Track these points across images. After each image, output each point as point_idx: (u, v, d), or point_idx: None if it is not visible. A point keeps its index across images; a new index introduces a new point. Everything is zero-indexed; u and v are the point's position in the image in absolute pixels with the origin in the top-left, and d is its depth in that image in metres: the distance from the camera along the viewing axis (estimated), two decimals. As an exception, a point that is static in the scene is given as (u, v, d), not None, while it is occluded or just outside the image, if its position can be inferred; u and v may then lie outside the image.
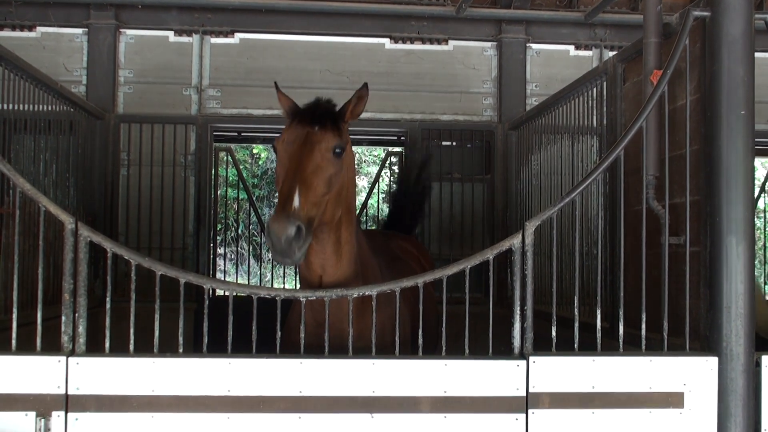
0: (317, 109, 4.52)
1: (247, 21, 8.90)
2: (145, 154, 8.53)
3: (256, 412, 4.18)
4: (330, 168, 4.32)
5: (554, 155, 7.18)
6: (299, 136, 4.37)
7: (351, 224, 4.68)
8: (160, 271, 4.34)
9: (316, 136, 4.36)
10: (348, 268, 4.67)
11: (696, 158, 4.63)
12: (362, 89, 4.64)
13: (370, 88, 4.78)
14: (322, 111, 4.50)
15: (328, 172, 4.31)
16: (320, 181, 4.25)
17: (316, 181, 4.23)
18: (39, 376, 4.13)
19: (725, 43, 4.47)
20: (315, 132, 4.37)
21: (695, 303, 4.57)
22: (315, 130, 4.38)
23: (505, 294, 8.19)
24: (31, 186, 4.34)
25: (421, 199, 7.95)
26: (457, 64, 9.18)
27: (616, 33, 9.27)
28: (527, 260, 4.39)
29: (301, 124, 4.44)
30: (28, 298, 5.49)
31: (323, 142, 4.33)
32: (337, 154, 4.36)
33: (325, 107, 4.55)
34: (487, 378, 4.28)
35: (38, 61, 7.00)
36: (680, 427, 4.33)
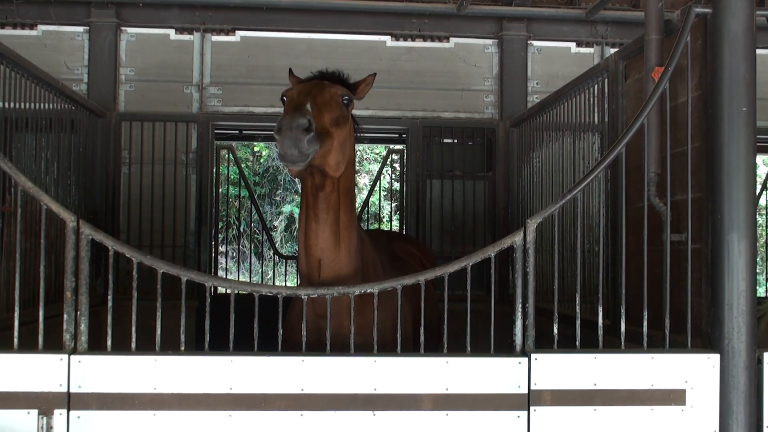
0: (326, 73, 4.75)
1: (248, 19, 8.90)
2: (147, 152, 8.53)
3: (257, 410, 4.19)
4: (337, 109, 4.50)
5: (555, 152, 7.17)
6: (308, 84, 4.60)
7: (350, 210, 4.72)
8: (161, 269, 4.35)
9: (325, 84, 4.58)
10: (347, 259, 4.69)
11: (698, 155, 4.62)
12: (370, 76, 4.91)
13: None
14: (331, 75, 4.74)
15: (335, 110, 4.47)
16: (329, 113, 4.39)
17: (326, 110, 4.38)
18: (41, 374, 4.13)
19: (727, 40, 4.47)
20: (324, 82, 4.61)
21: (697, 300, 4.57)
22: (324, 82, 4.62)
23: (506, 291, 8.19)
24: (33, 184, 4.34)
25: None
26: (458, 62, 9.17)
27: (618, 30, 9.25)
28: (529, 258, 4.39)
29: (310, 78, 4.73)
30: (30, 297, 5.49)
31: (332, 87, 4.56)
32: (344, 101, 4.58)
33: (333, 73, 4.78)
34: (489, 375, 4.28)
35: (39, 60, 7.00)
36: (682, 424, 4.33)
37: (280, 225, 21.71)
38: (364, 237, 5.05)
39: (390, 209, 13.49)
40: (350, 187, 4.77)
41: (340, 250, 4.67)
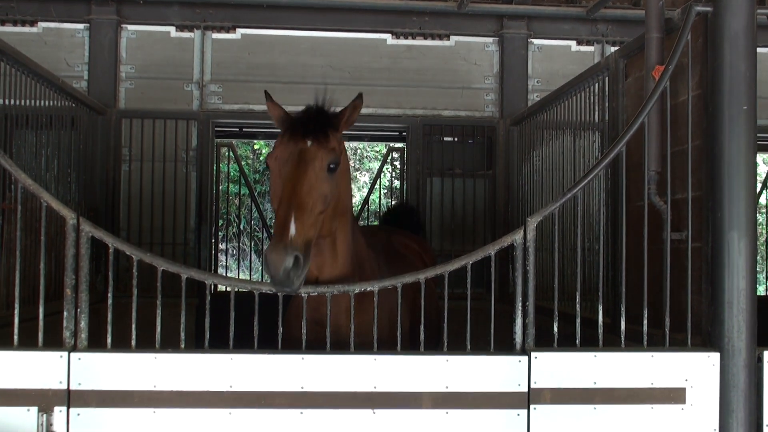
0: (309, 121, 4.38)
1: (249, 16, 8.89)
2: (147, 149, 8.53)
3: (257, 408, 4.19)
4: (325, 185, 4.22)
5: (556, 151, 7.17)
6: (293, 154, 4.24)
7: (347, 225, 4.64)
8: (161, 267, 4.34)
9: (309, 154, 4.23)
10: (344, 265, 4.67)
11: (698, 154, 4.62)
12: (357, 99, 4.57)
13: (371, 84, 4.79)
14: (315, 123, 4.37)
15: (323, 190, 4.21)
16: (316, 201, 4.16)
17: (312, 201, 4.13)
18: (41, 372, 4.13)
19: (727, 39, 4.47)
20: (308, 149, 4.24)
21: (697, 299, 4.57)
22: (308, 146, 4.25)
23: (506, 290, 8.18)
24: (33, 181, 4.34)
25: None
26: (458, 60, 9.17)
27: (618, 28, 9.26)
28: (529, 256, 4.39)
29: (294, 139, 4.30)
30: (30, 294, 5.49)
31: (317, 160, 4.22)
32: (331, 170, 4.26)
33: (318, 118, 4.41)
34: (489, 374, 4.28)
35: (40, 57, 6.99)
36: (682, 422, 4.33)
37: (280, 223, 21.66)
38: (360, 237, 5.04)
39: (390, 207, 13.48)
40: (346, 211, 4.65)
41: (337, 261, 4.63)
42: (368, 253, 5.10)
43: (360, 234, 5.07)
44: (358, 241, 4.93)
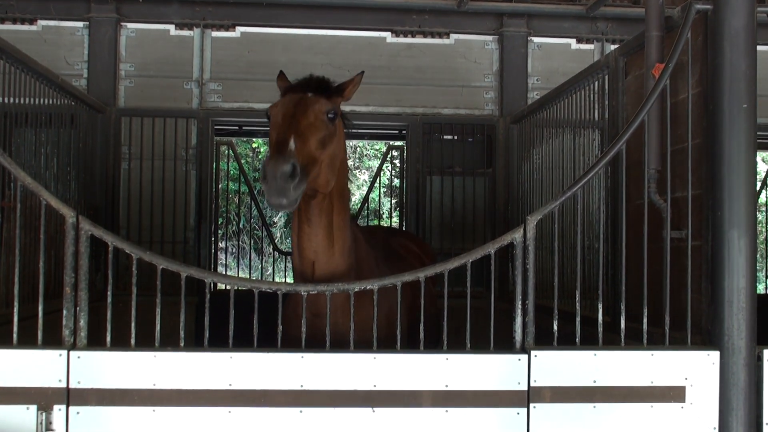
0: (311, 80, 4.66)
1: (248, 14, 8.89)
2: (146, 147, 8.52)
3: (257, 406, 4.19)
4: (323, 129, 4.41)
5: (556, 149, 7.16)
6: (293, 100, 4.48)
7: (343, 211, 4.72)
8: (161, 265, 4.34)
9: (309, 100, 4.48)
10: (341, 259, 4.70)
11: (698, 152, 4.62)
12: (358, 75, 4.84)
13: (371, 82, 4.84)
14: (316, 82, 4.63)
15: (321, 131, 4.39)
16: (314, 137, 4.32)
17: (310, 136, 4.31)
18: (40, 370, 4.13)
19: (727, 37, 4.46)
20: (308, 97, 4.50)
21: (697, 297, 4.57)
22: (308, 96, 4.51)
23: (506, 288, 8.19)
24: (33, 180, 4.34)
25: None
26: (458, 58, 9.17)
27: (618, 26, 9.25)
28: (529, 254, 4.39)
29: (295, 92, 4.57)
30: (29, 292, 5.49)
31: (317, 104, 4.45)
32: (330, 119, 4.47)
33: (319, 80, 4.68)
34: (489, 372, 4.28)
35: (39, 55, 6.98)
36: (682, 421, 4.33)
37: (279, 221, 21.72)
38: (359, 234, 5.06)
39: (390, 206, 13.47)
40: (343, 190, 4.77)
41: (333, 250, 4.68)
42: (367, 253, 5.10)
43: (359, 233, 5.08)
44: (357, 239, 4.95)
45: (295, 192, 4.05)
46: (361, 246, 5.04)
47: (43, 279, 4.36)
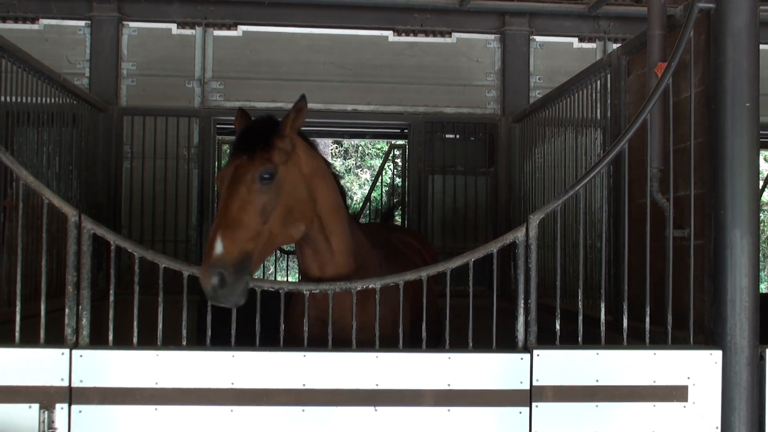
0: (249, 134, 4.37)
1: (250, 13, 8.88)
2: (149, 146, 8.51)
3: (259, 405, 4.19)
4: (261, 197, 4.16)
5: (558, 148, 7.16)
6: (230, 171, 4.23)
7: (337, 222, 4.65)
8: (163, 264, 4.34)
9: (242, 169, 4.19)
10: (344, 262, 4.69)
11: (700, 151, 4.61)
12: (300, 101, 4.47)
13: (373, 81, 4.79)
14: (254, 135, 4.34)
15: (258, 203, 4.14)
16: (251, 215, 4.10)
17: (246, 216, 4.09)
18: (42, 369, 4.13)
19: (730, 35, 4.46)
20: (243, 163, 4.21)
21: (699, 296, 4.56)
22: (243, 160, 4.22)
23: (508, 287, 8.19)
24: (35, 178, 4.34)
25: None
26: (460, 57, 9.16)
27: (620, 25, 9.24)
28: (531, 253, 4.39)
29: (234, 155, 4.31)
30: (31, 291, 5.49)
31: (248, 174, 4.16)
32: (266, 180, 4.18)
33: (258, 130, 4.38)
34: (491, 371, 4.28)
35: (41, 54, 6.98)
36: (684, 420, 4.33)
37: (281, 220, 21.67)
38: (362, 236, 5.05)
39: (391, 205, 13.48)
40: (332, 208, 4.64)
41: (334, 258, 4.66)
42: (372, 253, 5.10)
43: (362, 233, 5.07)
44: (360, 241, 4.94)
45: (232, 295, 3.97)
46: (366, 248, 5.05)
47: (45, 278, 4.36)
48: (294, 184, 4.35)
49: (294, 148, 4.42)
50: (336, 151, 24.54)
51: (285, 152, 4.32)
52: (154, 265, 4.36)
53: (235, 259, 3.95)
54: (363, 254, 4.94)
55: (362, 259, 4.90)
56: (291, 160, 4.34)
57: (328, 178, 4.70)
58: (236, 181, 4.16)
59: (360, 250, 4.90)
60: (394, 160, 11.59)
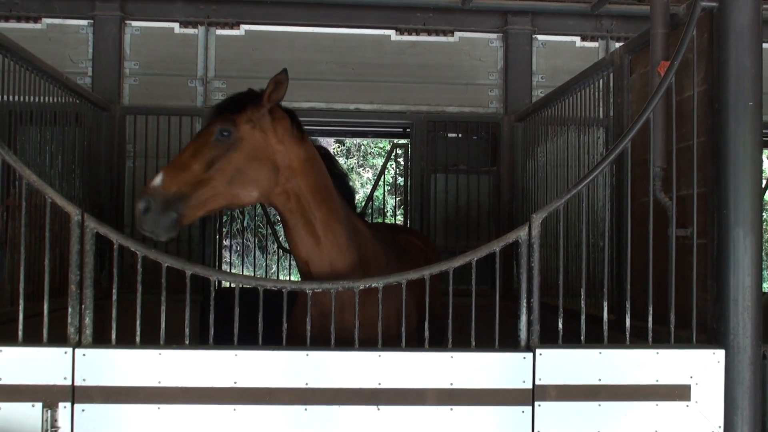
0: (229, 100, 4.75)
1: (253, 13, 8.89)
2: (151, 145, 8.51)
3: (262, 404, 4.19)
4: (212, 150, 4.47)
5: (560, 147, 7.16)
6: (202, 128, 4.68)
7: (323, 206, 4.76)
8: (166, 263, 4.34)
9: (209, 125, 4.60)
10: (337, 254, 4.78)
11: (703, 150, 4.61)
12: (280, 74, 4.66)
13: (375, 80, 4.83)
14: (232, 101, 4.71)
15: (208, 154, 4.46)
16: (197, 162, 4.42)
17: (192, 162, 4.41)
18: (46, 368, 4.14)
19: (733, 34, 4.45)
20: (211, 121, 4.62)
21: (702, 295, 4.56)
22: (214, 119, 4.63)
23: (510, 286, 8.19)
24: (38, 177, 4.34)
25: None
26: (462, 56, 9.16)
27: (623, 24, 9.23)
28: (534, 252, 4.39)
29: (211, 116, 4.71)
30: (34, 290, 5.49)
31: (210, 127, 4.56)
32: (223, 136, 4.50)
33: (237, 98, 4.73)
34: (494, 370, 4.28)
35: (44, 53, 6.98)
36: (687, 419, 4.32)
37: (283, 219, 21.68)
38: (364, 230, 5.08)
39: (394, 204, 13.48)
40: (315, 186, 4.75)
41: (322, 247, 4.76)
42: (376, 250, 5.12)
43: (366, 229, 5.09)
44: (362, 235, 4.97)
45: (159, 222, 4.26)
46: (368, 242, 5.06)
47: (48, 277, 4.36)
48: (255, 149, 4.58)
49: (272, 121, 4.66)
50: (338, 150, 24.57)
51: (255, 119, 4.60)
52: (157, 264, 4.36)
53: (168, 194, 4.29)
54: (367, 252, 4.96)
55: (365, 256, 4.92)
56: (260, 127, 4.59)
57: (316, 165, 4.84)
58: (199, 133, 4.61)
59: (363, 248, 4.92)
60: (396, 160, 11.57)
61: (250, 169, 4.55)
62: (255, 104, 4.64)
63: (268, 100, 4.65)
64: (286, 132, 4.71)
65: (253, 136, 4.57)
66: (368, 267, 4.93)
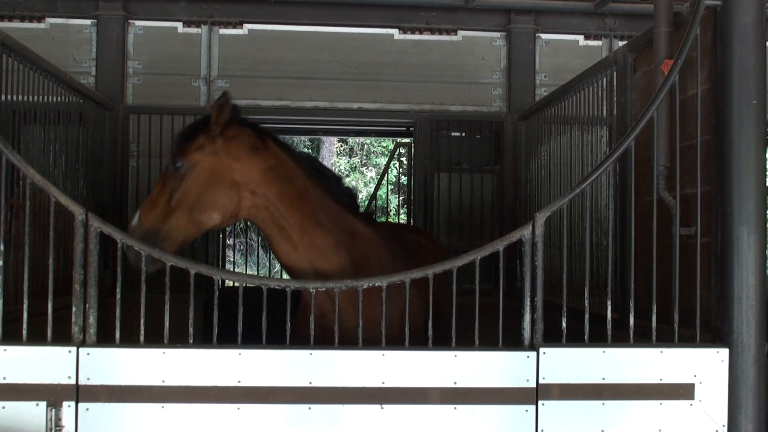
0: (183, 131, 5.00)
1: (256, 12, 8.89)
2: (155, 145, 8.51)
3: (266, 403, 4.19)
4: (170, 184, 4.71)
5: (564, 146, 7.15)
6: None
7: (297, 212, 4.83)
8: (170, 262, 4.35)
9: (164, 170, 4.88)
10: (316, 257, 4.85)
11: (707, 148, 4.60)
12: (221, 98, 4.84)
13: (379, 79, 4.86)
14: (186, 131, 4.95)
15: (168, 188, 4.70)
16: (162, 197, 4.70)
17: (159, 198, 4.71)
18: (50, 367, 4.15)
19: (736, 32, 4.45)
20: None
21: (706, 294, 4.56)
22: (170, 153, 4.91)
23: (513, 285, 8.19)
24: (42, 177, 4.35)
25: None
26: (466, 55, 9.15)
27: (626, 23, 9.22)
28: (537, 251, 4.39)
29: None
30: (38, 289, 5.50)
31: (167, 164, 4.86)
32: (178, 168, 4.72)
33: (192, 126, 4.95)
34: (497, 369, 4.28)
35: (47, 53, 6.99)
36: (691, 418, 4.32)
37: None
38: (363, 230, 5.11)
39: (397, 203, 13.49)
40: (282, 194, 4.82)
41: (300, 251, 4.85)
42: (378, 251, 5.12)
43: (369, 230, 5.10)
44: (359, 238, 5.01)
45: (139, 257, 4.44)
46: (368, 243, 5.07)
47: (52, 276, 4.37)
48: (208, 173, 4.72)
49: (224, 141, 4.78)
50: (341, 149, 24.56)
51: (205, 144, 4.75)
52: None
53: (144, 231, 4.61)
54: (366, 252, 4.98)
55: (364, 257, 4.95)
56: (211, 150, 4.74)
57: (281, 172, 4.89)
58: (165, 169, 4.85)
59: (360, 249, 4.95)
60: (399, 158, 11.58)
61: (209, 193, 4.69)
62: (204, 131, 4.80)
63: (216, 124, 4.80)
64: (242, 147, 4.82)
65: (203, 161, 4.70)
66: (367, 268, 4.94)
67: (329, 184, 5.16)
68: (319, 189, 5.02)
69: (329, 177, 5.25)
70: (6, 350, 4.16)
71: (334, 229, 4.94)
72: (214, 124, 4.80)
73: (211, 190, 4.69)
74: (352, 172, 23.92)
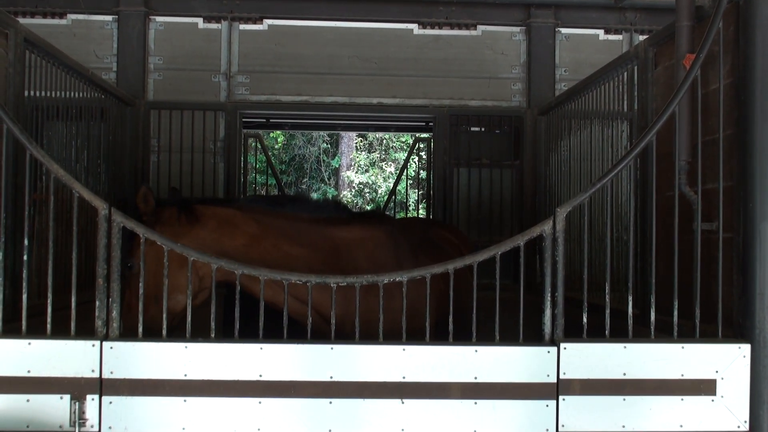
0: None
1: (276, 7, 8.91)
2: (175, 140, 8.57)
3: (287, 397, 4.22)
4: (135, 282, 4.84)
5: (584, 141, 7.13)
6: None
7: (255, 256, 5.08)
8: (192, 257, 4.38)
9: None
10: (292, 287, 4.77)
11: (729, 143, 4.58)
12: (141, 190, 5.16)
13: (398, 74, 4.91)
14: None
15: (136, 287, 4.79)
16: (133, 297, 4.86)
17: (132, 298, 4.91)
18: (74, 360, 4.19)
19: (759, 26, 4.42)
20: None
21: (728, 290, 4.53)
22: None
23: (533, 280, 8.17)
24: (65, 172, 4.39)
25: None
26: (485, 50, 9.13)
27: (647, 17, 9.16)
28: (558, 246, 4.38)
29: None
30: (61, 283, 5.55)
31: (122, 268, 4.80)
32: (131, 269, 4.96)
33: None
34: (518, 364, 4.28)
35: (69, 49, 7.05)
36: (712, 414, 4.31)
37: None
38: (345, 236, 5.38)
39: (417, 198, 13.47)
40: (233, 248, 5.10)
41: (273, 287, 4.91)
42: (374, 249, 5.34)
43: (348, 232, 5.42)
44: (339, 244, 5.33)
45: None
46: (351, 248, 5.33)
47: (75, 270, 4.41)
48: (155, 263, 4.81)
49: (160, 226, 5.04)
50: (360, 144, 24.57)
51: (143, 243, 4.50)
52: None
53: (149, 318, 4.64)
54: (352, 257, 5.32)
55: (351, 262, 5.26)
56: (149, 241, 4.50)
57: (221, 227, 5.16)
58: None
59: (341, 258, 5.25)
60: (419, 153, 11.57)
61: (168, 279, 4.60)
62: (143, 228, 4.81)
63: (146, 215, 5.04)
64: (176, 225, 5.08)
65: (148, 254, 4.58)
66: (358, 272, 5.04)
67: (296, 207, 5.28)
68: (279, 220, 5.17)
69: (294, 200, 5.39)
70: (30, 344, 4.20)
71: (305, 251, 5.15)
72: (143, 215, 5.05)
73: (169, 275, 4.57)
74: (372, 167, 23.92)
